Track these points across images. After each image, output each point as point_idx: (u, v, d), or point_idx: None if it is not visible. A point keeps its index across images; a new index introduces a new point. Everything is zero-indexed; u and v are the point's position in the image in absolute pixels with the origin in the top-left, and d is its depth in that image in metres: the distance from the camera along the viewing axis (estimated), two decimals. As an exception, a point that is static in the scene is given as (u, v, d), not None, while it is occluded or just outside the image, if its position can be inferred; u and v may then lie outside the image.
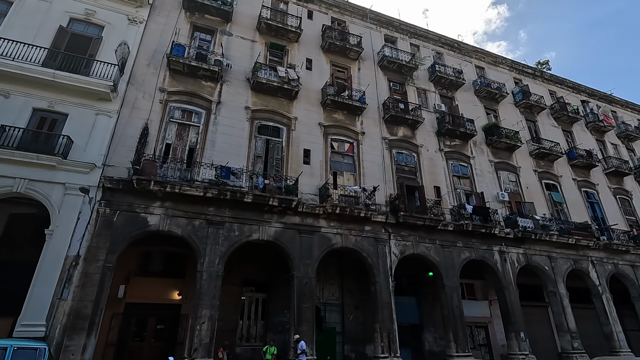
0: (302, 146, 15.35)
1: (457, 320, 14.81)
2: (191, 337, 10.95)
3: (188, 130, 13.91)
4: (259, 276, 15.40)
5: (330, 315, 16.31)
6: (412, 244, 15.39)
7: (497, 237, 16.95)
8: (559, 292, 17.22)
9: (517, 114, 22.26)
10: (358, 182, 15.67)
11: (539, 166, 20.82)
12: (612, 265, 19.19)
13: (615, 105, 27.61)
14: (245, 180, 13.43)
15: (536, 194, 19.70)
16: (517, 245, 17.38)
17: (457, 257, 16.02)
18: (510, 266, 16.91)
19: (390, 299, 14.02)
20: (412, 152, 17.74)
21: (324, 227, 14.08)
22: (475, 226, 16.24)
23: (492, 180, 19.00)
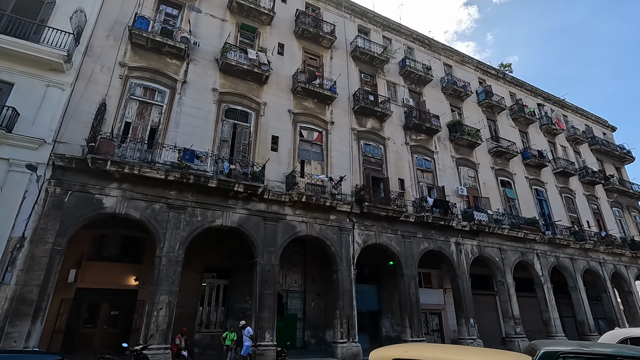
0: (271, 132, 15.13)
1: (413, 307, 15.50)
2: (147, 324, 10.63)
3: (150, 109, 13.24)
4: (221, 262, 15.19)
5: (292, 302, 16.49)
6: (375, 233, 15.79)
7: (455, 229, 17.80)
8: (507, 282, 18.50)
9: (479, 112, 23.25)
10: (325, 172, 15.75)
11: (496, 164, 21.98)
12: (554, 258, 20.84)
13: (567, 110, 29.60)
14: (210, 164, 13.06)
15: (492, 190, 20.85)
16: (472, 237, 18.37)
17: (416, 247, 16.67)
18: (465, 257, 17.88)
19: (352, 286, 14.38)
20: (379, 144, 18.06)
21: (289, 215, 14.08)
22: (435, 218, 16.93)
23: (453, 175, 19.83)
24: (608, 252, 23.33)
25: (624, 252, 24.05)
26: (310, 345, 15.89)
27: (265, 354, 11.70)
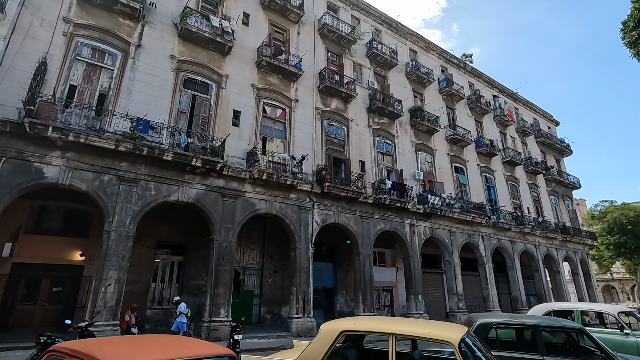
0: (232, 107, 14.61)
1: (367, 284, 16.17)
2: (94, 300, 10.17)
3: (99, 72, 12.18)
4: (176, 239, 14.76)
5: (249, 279, 16.53)
6: (334, 213, 16.08)
7: (410, 211, 18.59)
8: (454, 262, 19.82)
9: (439, 100, 24.01)
10: (287, 150, 15.61)
11: (451, 150, 23.01)
12: (496, 240, 22.58)
13: (518, 103, 31.43)
14: (166, 136, 12.41)
15: (446, 175, 21.89)
16: (425, 219, 19.31)
17: (373, 227, 17.25)
18: (418, 238, 18.82)
19: (309, 264, 14.65)
20: (342, 126, 18.13)
21: (249, 192, 13.88)
22: (392, 200, 17.53)
23: (412, 160, 20.52)
24: (543, 236, 25.68)
25: (556, 236, 26.59)
26: (266, 321, 16.15)
27: (219, 329, 11.71)
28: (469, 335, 3.56)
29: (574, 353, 5.21)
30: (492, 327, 5.17)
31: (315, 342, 3.75)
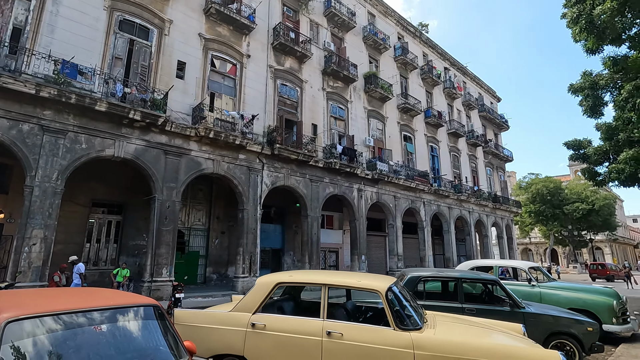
0: (177, 57, 13.45)
1: (314, 245, 16.65)
2: (16, 260, 9.33)
3: (12, 3, 10.40)
4: (114, 197, 13.85)
5: (195, 240, 16.20)
6: (284, 176, 16.00)
7: (359, 176, 19.08)
8: (396, 225, 21.01)
9: (394, 68, 24.17)
10: (237, 108, 14.94)
11: (402, 119, 23.63)
12: (436, 206, 24.21)
13: (467, 78, 32.73)
14: (98, 84, 11.17)
15: (395, 143, 22.60)
16: (372, 185, 20.00)
17: (322, 191, 17.52)
18: (364, 202, 19.53)
19: (257, 225, 14.64)
20: (296, 87, 17.65)
21: (194, 151, 13.22)
22: (342, 165, 17.80)
23: (364, 126, 20.78)
24: (476, 204, 28.01)
25: (487, 204, 29.16)
26: (212, 281, 16.13)
27: (161, 289, 11.48)
28: (397, 285, 3.80)
29: (489, 301, 5.87)
30: (420, 280, 5.62)
31: (251, 294, 3.77)
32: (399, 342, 3.12)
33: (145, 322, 2.39)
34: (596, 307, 6.78)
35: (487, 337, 3.27)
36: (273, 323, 3.48)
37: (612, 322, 6.75)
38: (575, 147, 11.39)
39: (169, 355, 2.26)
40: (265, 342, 3.41)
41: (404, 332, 3.18)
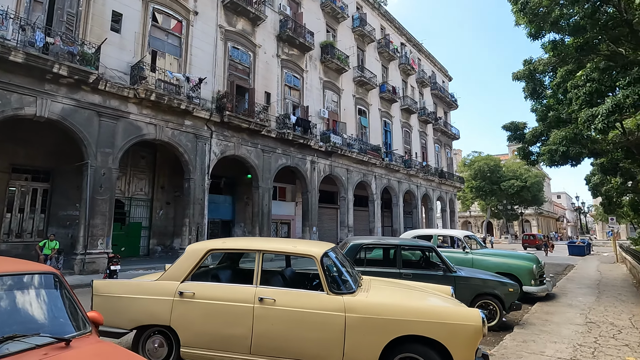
0: (111, 6, 11.99)
1: (264, 217, 16.48)
2: None
3: None
4: (38, 162, 12.46)
5: (137, 210, 15.28)
6: (235, 145, 15.40)
7: (312, 148, 18.95)
8: (348, 198, 21.42)
9: (351, 39, 23.78)
10: (182, 70, 13.86)
11: (357, 92, 23.59)
12: (386, 180, 24.98)
13: (422, 55, 33.26)
14: (13, 30, 9.65)
15: (350, 116, 22.62)
16: (326, 157, 20.01)
17: (274, 162, 17.20)
18: (317, 174, 19.56)
19: (204, 196, 14.08)
20: (248, 51, 16.72)
21: (134, 114, 12.16)
22: (295, 136, 17.50)
23: (319, 97, 20.45)
24: (424, 179, 29.35)
25: (434, 179, 30.69)
26: (156, 253, 15.46)
27: (97, 261, 10.74)
28: (334, 251, 3.78)
29: (425, 267, 6.17)
30: (362, 248, 5.73)
31: (180, 261, 3.55)
32: (332, 306, 3.11)
33: (41, 291, 2.10)
34: (518, 270, 7.44)
35: (416, 299, 3.39)
36: (203, 291, 3.30)
37: (531, 283, 7.47)
38: (512, 130, 12.13)
39: (67, 326, 2.01)
40: (194, 311, 3.24)
41: (337, 296, 3.17)
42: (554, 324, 5.75)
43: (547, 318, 6.15)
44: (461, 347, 2.93)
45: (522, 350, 4.40)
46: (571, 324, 5.75)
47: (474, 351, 2.96)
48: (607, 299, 7.94)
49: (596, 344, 4.69)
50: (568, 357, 4.16)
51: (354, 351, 3.02)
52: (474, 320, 2.98)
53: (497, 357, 4.17)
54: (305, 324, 3.10)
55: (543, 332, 5.25)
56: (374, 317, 3.04)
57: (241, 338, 3.14)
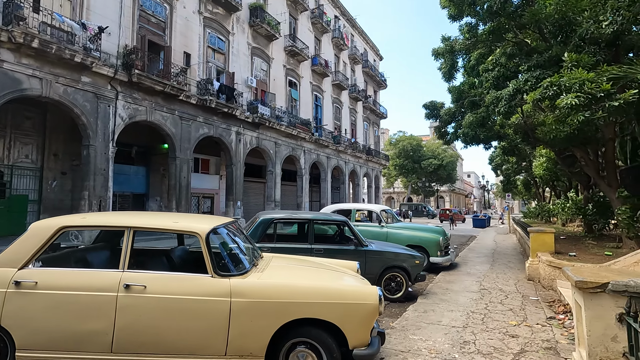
0: None
1: (183, 190, 15.25)
2: None
3: None
4: None
5: (22, 181, 12.94)
6: (147, 109, 13.73)
7: (238, 118, 17.86)
8: (276, 172, 20.93)
9: (283, 5, 22.53)
10: (77, 15, 11.66)
11: (288, 63, 22.69)
12: (315, 155, 24.94)
13: (355, 31, 33.16)
14: None
15: (280, 88, 21.76)
16: (253, 129, 19.09)
17: (195, 131, 15.84)
18: (243, 147, 18.62)
19: (108, 165, 12.41)
20: (164, 3, 14.74)
21: (9, 63, 9.94)
22: (219, 104, 16.24)
23: (246, 64, 19.17)
24: (352, 155, 30.04)
25: (361, 156, 31.61)
26: (49, 230, 13.39)
27: (-41, 241, 8.81)
28: (228, 227, 3.33)
29: (339, 242, 6.08)
30: (272, 223, 5.38)
31: (18, 243, 2.79)
32: (215, 290, 2.70)
33: None
34: (427, 243, 7.84)
35: (312, 278, 3.14)
36: (49, 279, 2.62)
37: (437, 254, 7.94)
38: (431, 109, 12.67)
39: None
40: (35, 305, 2.56)
41: (222, 279, 2.75)
42: (453, 292, 6.13)
43: (448, 287, 6.56)
44: (355, 328, 2.76)
45: (422, 321, 4.53)
46: (467, 292, 6.19)
47: (369, 331, 2.82)
48: (499, 266, 8.85)
49: (486, 310, 5.05)
50: (461, 325, 4.37)
51: (240, 339, 2.66)
52: (369, 299, 2.82)
53: (397, 329, 4.21)
54: (182, 313, 2.64)
55: (443, 301, 5.54)
56: (263, 301, 2.70)
57: (100, 334, 2.57)
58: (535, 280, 6.96)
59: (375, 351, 2.79)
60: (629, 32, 6.56)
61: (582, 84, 5.45)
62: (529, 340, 3.86)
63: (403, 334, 4.06)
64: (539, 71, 6.61)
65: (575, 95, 5.41)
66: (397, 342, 3.81)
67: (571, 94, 5.46)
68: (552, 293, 6.03)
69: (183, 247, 3.84)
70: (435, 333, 4.08)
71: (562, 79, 5.69)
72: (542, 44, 7.75)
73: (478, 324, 4.44)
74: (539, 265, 6.89)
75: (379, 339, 3.01)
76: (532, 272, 7.12)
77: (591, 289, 2.03)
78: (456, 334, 4.04)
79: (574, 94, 5.44)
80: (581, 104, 5.46)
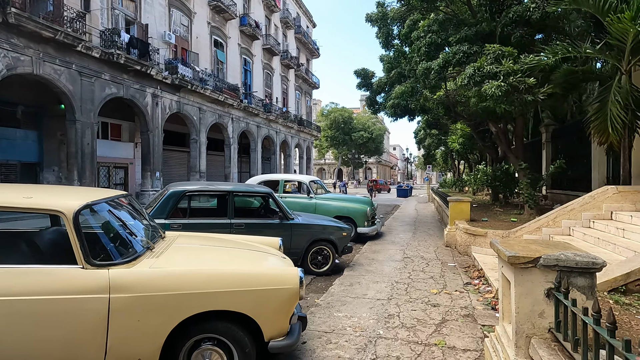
0: None
1: (86, 159, 13.23)
2: None
3: None
4: None
5: None
6: (33, 60, 11.29)
7: (154, 79, 15.82)
8: (200, 140, 19.36)
9: (207, -48, 20.07)
10: None
11: (213, 20, 20.59)
12: (245, 124, 23.66)
13: (288, -7, 31.36)
14: None
15: (204, 47, 19.75)
16: (172, 92, 17.16)
17: (100, 90, 13.64)
18: (161, 111, 16.71)
19: (-21, 127, 10.04)
20: None
21: None
22: (130, 60, 14.11)
23: (163, 17, 16.85)
24: (284, 125, 29.23)
25: (293, 126, 30.97)
26: None
27: None
28: (112, 202, 2.63)
29: (263, 215, 5.62)
30: (184, 196, 4.68)
31: None
32: (87, 285, 2.06)
33: None
34: (355, 213, 7.80)
35: (222, 262, 2.65)
36: None
37: (364, 225, 7.97)
38: (363, 76, 12.51)
39: None
40: None
41: (99, 269, 2.12)
42: (378, 263, 6.16)
43: (374, 257, 6.60)
44: (272, 317, 2.37)
45: (347, 295, 4.38)
46: (392, 261, 6.28)
47: (288, 318, 2.46)
48: (421, 234, 9.30)
49: (409, 279, 5.12)
50: (386, 297, 4.32)
51: (123, 345, 2.11)
52: (288, 283, 2.44)
53: (322, 307, 3.99)
54: (37, 318, 1.98)
55: (369, 272, 5.50)
56: (154, 295, 2.15)
57: None
58: (453, 247, 7.38)
59: (294, 340, 2.45)
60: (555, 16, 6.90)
61: (507, 74, 5.64)
62: (449, 309, 3.92)
63: (328, 311, 3.85)
64: (467, 45, 6.67)
65: (498, 86, 5.60)
66: (321, 321, 3.57)
67: (496, 83, 5.65)
68: (467, 259, 6.41)
69: (57, 228, 3.01)
70: (360, 308, 3.94)
71: (488, 66, 5.84)
72: (471, 20, 7.84)
73: (402, 294, 4.43)
74: (456, 233, 7.29)
75: (300, 324, 2.68)
76: (450, 239, 7.54)
77: (523, 264, 1.88)
78: (381, 308, 3.95)
79: (498, 82, 5.63)
80: (503, 94, 5.68)
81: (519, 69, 5.93)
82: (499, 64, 6.02)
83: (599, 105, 5.94)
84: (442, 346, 3.05)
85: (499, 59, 6.08)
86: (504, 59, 6.05)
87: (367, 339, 3.18)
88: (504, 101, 6.00)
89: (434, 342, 3.13)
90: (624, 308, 2.78)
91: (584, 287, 1.82)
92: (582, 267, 1.80)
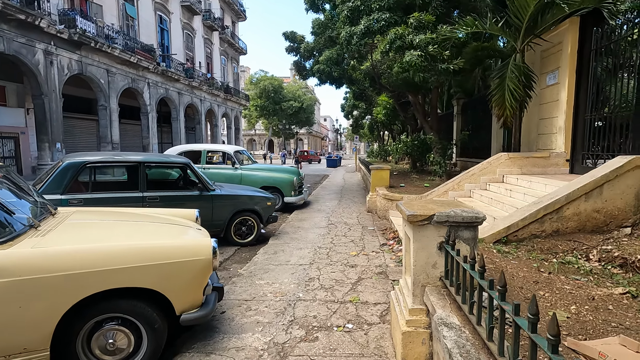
0: None
1: (-42, 126, 10.95)
2: None
3: None
4: None
5: None
6: None
7: (45, 32, 13.44)
8: (110, 107, 17.27)
9: None
10: None
11: (119, -33, 17.91)
12: (164, 90, 21.65)
13: (208, -56, 28.45)
14: None
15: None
16: (71, 49, 14.82)
17: (-31, 43, 11.17)
18: (58, 72, 14.41)
19: None
20: None
21: None
22: (9, 7, 11.69)
23: (52, -44, 14.11)
24: (209, 92, 27.44)
25: (219, 94, 29.27)
26: None
27: None
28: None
29: (182, 187, 5.30)
30: (84, 168, 4.16)
31: None
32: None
33: None
34: (281, 183, 7.80)
35: (123, 236, 2.45)
36: None
37: (291, 194, 8.03)
38: (291, 39, 12.14)
39: None
40: None
41: (-39, 253, 1.79)
42: (303, 230, 6.31)
43: (300, 225, 6.74)
44: (182, 290, 2.29)
45: (270, 263, 4.43)
46: (317, 228, 6.48)
47: (202, 290, 2.39)
48: (346, 201, 9.71)
49: (332, 244, 5.35)
50: (308, 263, 4.47)
51: (3, 333, 1.85)
52: (200, 254, 2.36)
53: (244, 276, 3.98)
54: None
55: (293, 240, 5.61)
56: (36, 277, 1.91)
57: None
58: (374, 212, 7.87)
59: (208, 311, 2.41)
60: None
61: (427, 43, 5.92)
62: (365, 268, 4.21)
63: (250, 280, 3.86)
64: (388, 14, 6.80)
65: (419, 55, 5.88)
66: (242, 290, 3.57)
67: (416, 53, 5.91)
68: (385, 222, 6.89)
69: None
70: (282, 274, 4.02)
71: (409, 36, 6.06)
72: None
73: (323, 258, 4.63)
74: (377, 199, 7.76)
75: (216, 295, 2.64)
76: (371, 204, 8.00)
77: (419, 222, 2.05)
78: (303, 272, 4.09)
79: (418, 52, 5.90)
80: (421, 64, 5.99)
81: (436, 39, 6.28)
82: (420, 33, 6.31)
83: (499, 81, 6.61)
84: (355, 302, 3.29)
85: (419, 28, 6.37)
86: (423, 30, 6.34)
87: (287, 303, 3.28)
88: (422, 69, 6.34)
89: (349, 299, 3.35)
90: (503, 255, 3.26)
91: (468, 239, 2.07)
92: (467, 221, 2.04)
